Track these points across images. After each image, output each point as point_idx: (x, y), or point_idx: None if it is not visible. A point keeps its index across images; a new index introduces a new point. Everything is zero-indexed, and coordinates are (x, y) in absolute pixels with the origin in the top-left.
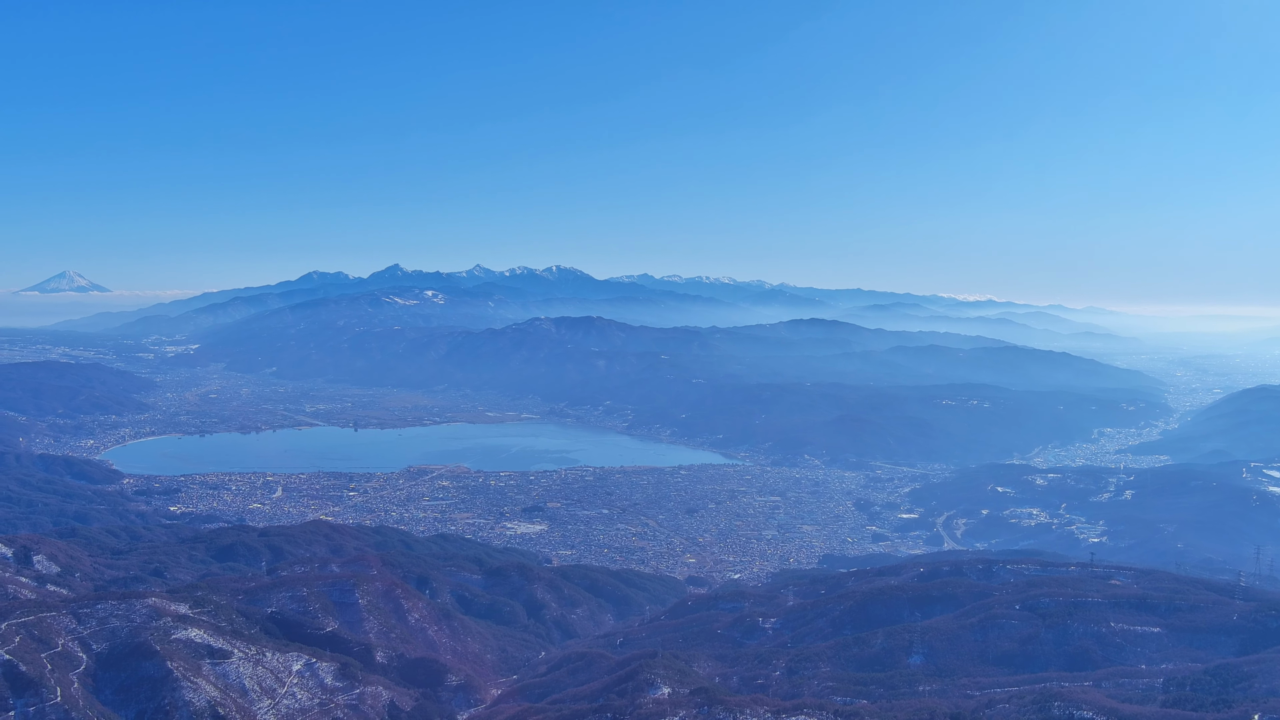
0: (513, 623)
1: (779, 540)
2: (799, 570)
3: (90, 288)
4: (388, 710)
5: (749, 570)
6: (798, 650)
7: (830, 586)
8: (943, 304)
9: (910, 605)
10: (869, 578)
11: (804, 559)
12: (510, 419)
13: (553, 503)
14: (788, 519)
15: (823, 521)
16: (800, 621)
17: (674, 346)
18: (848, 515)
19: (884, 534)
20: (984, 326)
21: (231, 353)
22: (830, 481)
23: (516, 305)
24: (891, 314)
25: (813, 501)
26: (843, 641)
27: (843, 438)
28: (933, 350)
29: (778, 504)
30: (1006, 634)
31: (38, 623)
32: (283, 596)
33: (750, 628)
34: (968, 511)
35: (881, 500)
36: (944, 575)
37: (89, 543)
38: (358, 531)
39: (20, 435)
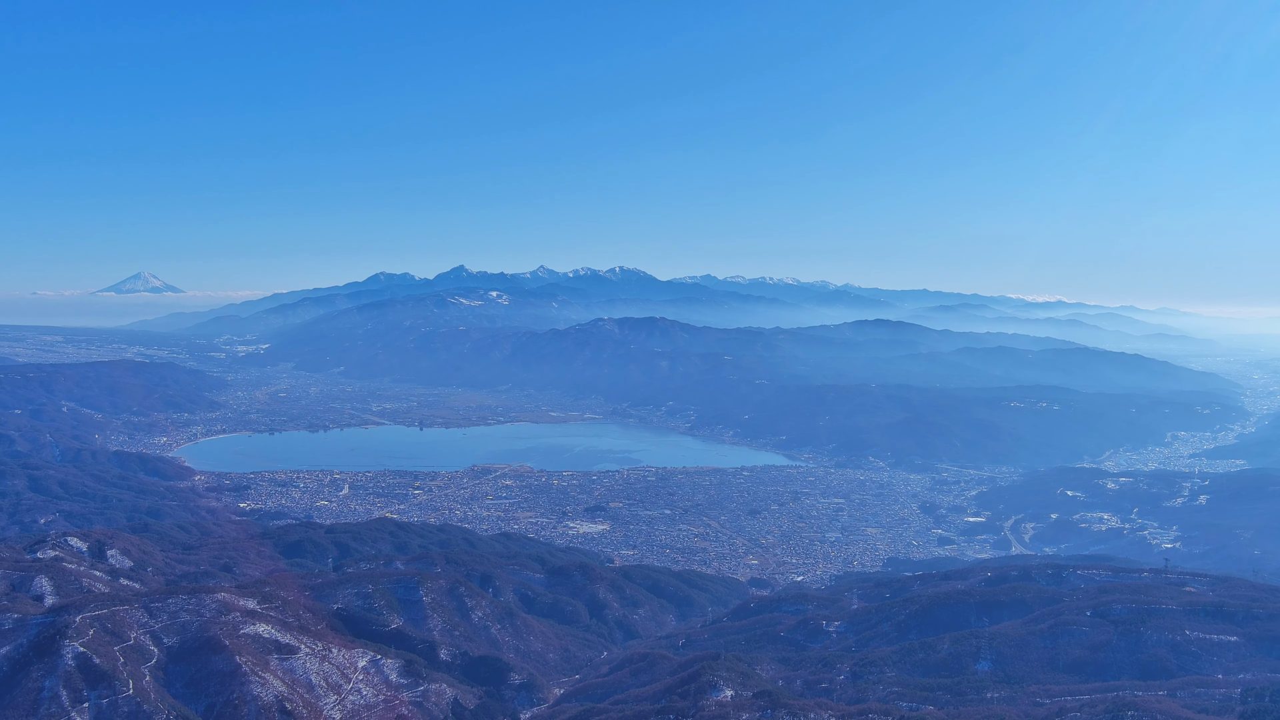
0: (575, 622)
1: (842, 543)
2: (863, 573)
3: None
4: (451, 708)
5: (812, 572)
6: (862, 654)
7: (895, 590)
8: (1011, 305)
9: (977, 610)
10: (935, 582)
11: (868, 562)
12: (573, 419)
13: (615, 503)
14: (851, 521)
15: (887, 524)
16: (864, 625)
17: (737, 347)
18: (913, 518)
19: (950, 538)
20: (1053, 328)
21: (300, 352)
22: (895, 484)
23: (580, 306)
24: (958, 315)
25: (877, 504)
26: (908, 646)
27: (908, 440)
28: (1001, 351)
29: (841, 506)
30: (1077, 641)
31: (111, 616)
32: (348, 593)
33: (814, 631)
34: (1036, 515)
35: (947, 503)
36: (1012, 580)
37: (161, 538)
38: (422, 529)
39: (96, 432)
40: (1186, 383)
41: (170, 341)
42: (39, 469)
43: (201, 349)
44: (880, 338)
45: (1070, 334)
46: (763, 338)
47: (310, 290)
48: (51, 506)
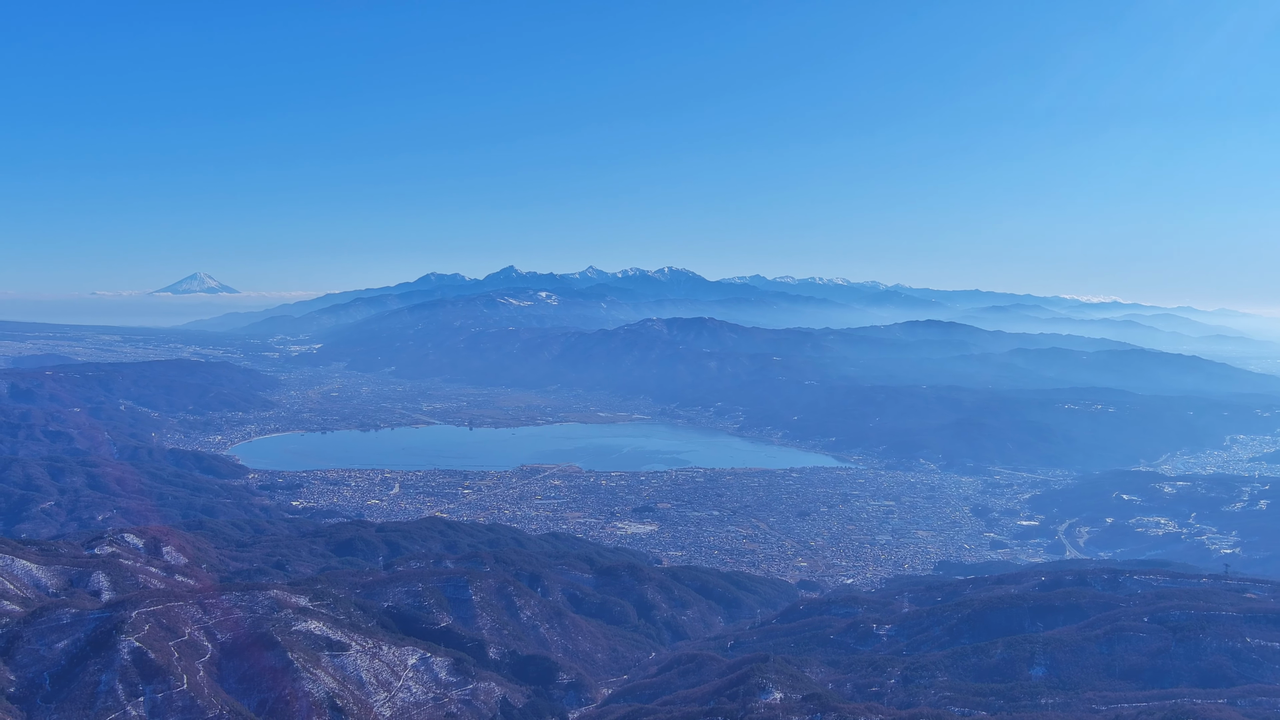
0: (623, 622)
1: (893, 545)
2: (914, 576)
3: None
4: (500, 706)
5: (862, 575)
6: (913, 658)
7: (947, 594)
8: (1065, 305)
9: (1031, 615)
10: (987, 586)
11: (919, 565)
12: (622, 419)
13: (663, 503)
14: (902, 524)
15: (938, 527)
16: (916, 629)
17: (786, 348)
18: (964, 521)
19: (1002, 541)
20: (1108, 329)
21: (352, 352)
22: (946, 486)
23: (629, 306)
24: (1011, 315)
25: (928, 506)
26: (960, 651)
27: (960, 442)
28: (1054, 353)
29: (892, 508)
30: (1134, 647)
31: (166, 612)
32: (399, 591)
33: (864, 634)
34: (1091, 519)
35: (1000, 506)
36: (1067, 585)
37: (215, 535)
38: (471, 529)
39: (153, 430)
40: (1245, 385)
41: (225, 341)
42: (97, 466)
43: (255, 349)
44: (931, 338)
45: (1126, 335)
46: (812, 338)
47: (362, 290)
48: (109, 503)
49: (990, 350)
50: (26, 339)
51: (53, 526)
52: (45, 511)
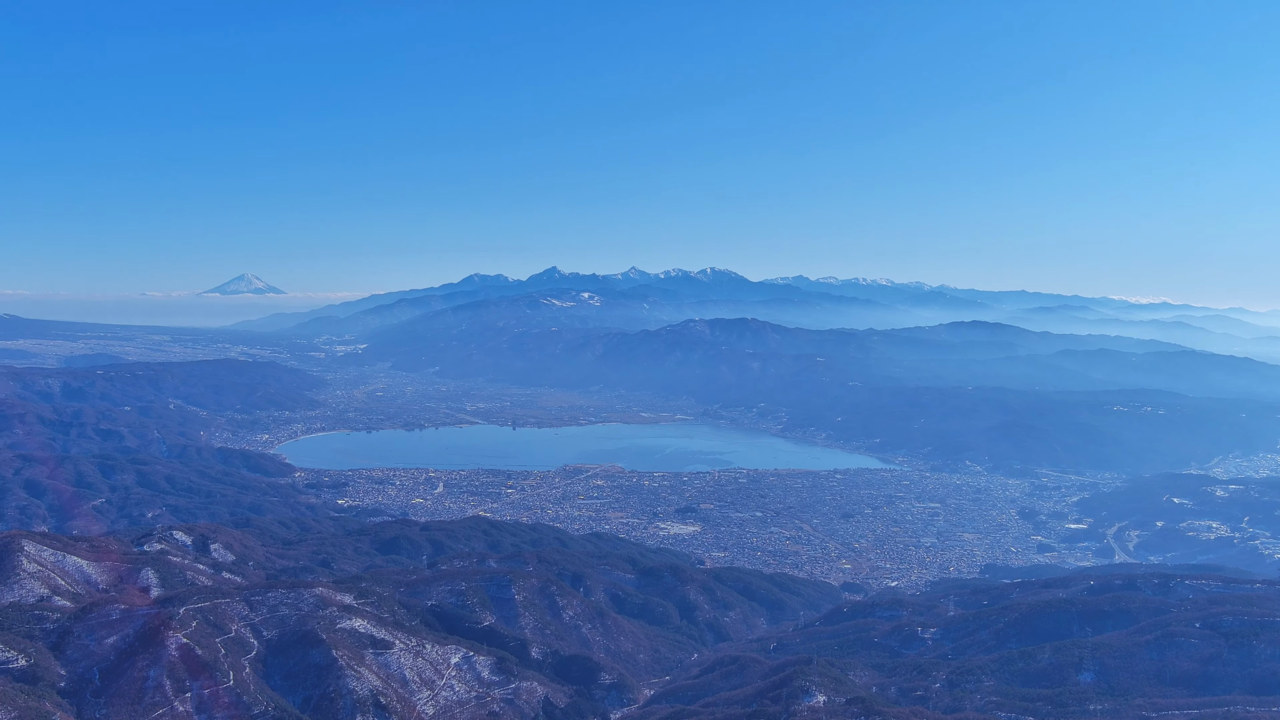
0: (665, 623)
1: (938, 548)
2: (959, 579)
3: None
4: (542, 706)
5: (907, 578)
6: (959, 662)
7: (993, 597)
8: (1113, 306)
9: (1079, 620)
10: (1035, 589)
11: (964, 568)
12: (664, 420)
13: (706, 504)
14: (947, 526)
15: (984, 530)
16: (961, 633)
17: (830, 348)
18: (1011, 524)
19: (1050, 544)
20: (1158, 330)
21: (397, 352)
22: (993, 489)
23: (671, 307)
24: (1058, 316)
25: (974, 509)
26: (1007, 655)
27: (1006, 444)
28: (1103, 354)
29: (937, 511)
30: (1185, 653)
31: (213, 608)
32: (442, 590)
33: (909, 637)
34: (1141, 523)
35: (1047, 509)
36: (1116, 589)
37: (262, 533)
38: (515, 528)
39: (201, 429)
40: None
41: (272, 341)
42: (147, 464)
43: (302, 349)
44: (977, 339)
45: (1176, 336)
46: (856, 339)
47: (407, 291)
48: (158, 501)
49: (1037, 351)
50: (79, 339)
51: (104, 523)
52: (97, 509)
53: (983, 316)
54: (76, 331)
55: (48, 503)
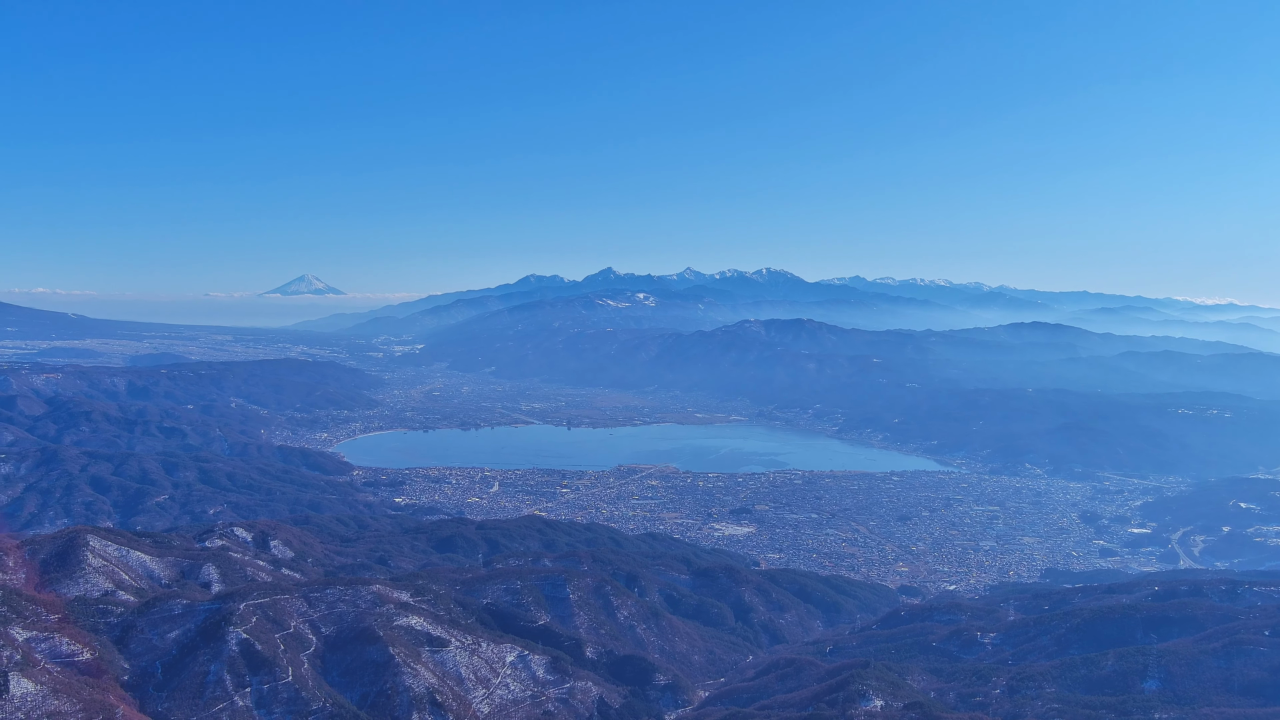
0: (720, 624)
1: (997, 552)
2: (1019, 584)
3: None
4: (597, 706)
5: (965, 582)
6: (1019, 668)
7: (1054, 602)
8: (1178, 307)
9: (1143, 626)
10: (1097, 595)
11: (1024, 572)
12: (719, 420)
13: (761, 505)
14: (1007, 530)
15: (1045, 534)
16: (1022, 638)
17: (887, 350)
18: (1072, 528)
19: (1112, 549)
20: (1224, 331)
21: (454, 352)
22: (1053, 492)
23: (726, 307)
24: (1121, 317)
25: (1034, 512)
26: (1069, 662)
27: (1067, 446)
28: (1167, 356)
29: (996, 514)
30: (1254, 662)
31: (273, 604)
32: (497, 589)
33: (967, 642)
34: (1206, 528)
35: (1110, 513)
36: (1182, 595)
37: (320, 530)
38: (569, 528)
39: (262, 427)
40: None
41: (331, 341)
42: (209, 462)
43: (360, 348)
44: (1037, 341)
45: (1242, 338)
46: (913, 340)
47: (464, 292)
48: (220, 498)
49: (1099, 353)
50: (144, 339)
51: (166, 519)
52: (160, 505)
53: (1043, 317)
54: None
55: (113, 499)
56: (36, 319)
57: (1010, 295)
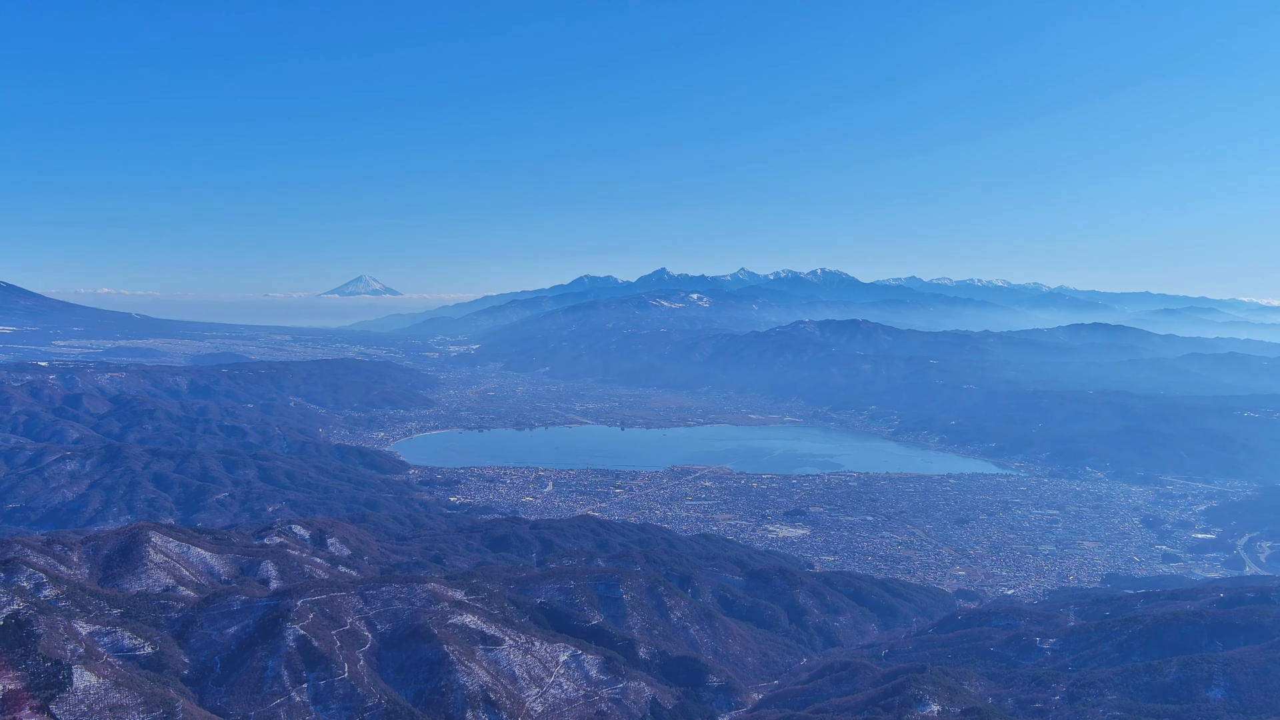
0: (774, 627)
1: (1057, 556)
2: (1079, 589)
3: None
4: (650, 707)
5: (1024, 586)
6: (1080, 675)
7: (1116, 608)
8: (1243, 308)
9: (1208, 633)
10: (1160, 601)
11: (1085, 577)
12: (773, 422)
13: (815, 507)
14: (1067, 534)
15: (1106, 539)
16: (1082, 644)
17: (943, 351)
18: (1134, 533)
19: (1175, 554)
20: None
21: (508, 352)
22: (1114, 496)
23: (780, 308)
24: (1184, 319)
25: (1094, 516)
26: (1131, 669)
27: (1129, 450)
28: (1232, 358)
29: (1056, 518)
30: None
31: (329, 601)
32: (551, 588)
33: (1026, 647)
34: (1273, 534)
35: (1173, 518)
36: (1248, 602)
37: (377, 528)
38: (623, 528)
39: (320, 426)
40: None
41: (388, 341)
42: (268, 460)
43: (417, 349)
44: (1098, 342)
45: None
46: (970, 341)
47: (518, 293)
48: (278, 495)
49: (1162, 355)
50: (205, 338)
51: (226, 516)
52: (220, 502)
53: (1104, 318)
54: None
55: (175, 496)
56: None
57: (1070, 296)
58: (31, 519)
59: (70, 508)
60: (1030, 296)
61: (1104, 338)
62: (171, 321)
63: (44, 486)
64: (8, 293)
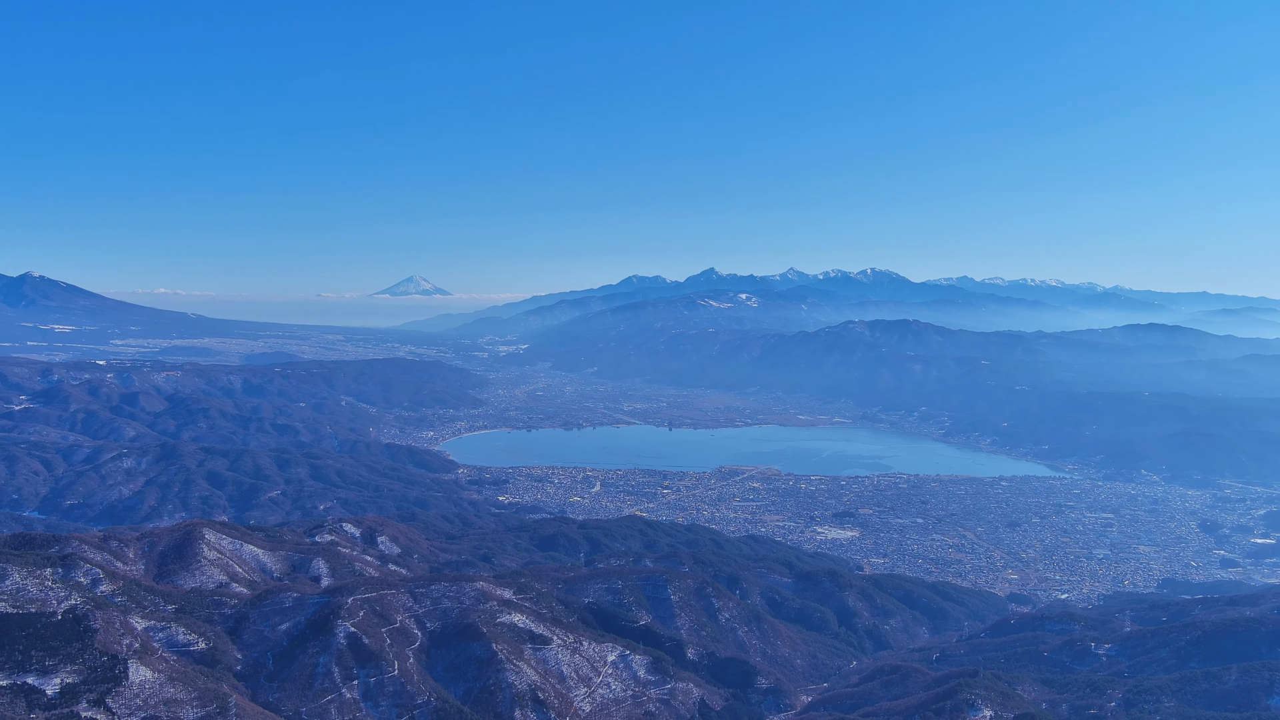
0: (823, 629)
1: (1112, 560)
2: (1135, 594)
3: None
4: (698, 708)
5: (1078, 591)
6: (1136, 681)
7: (1173, 614)
8: None
9: (1269, 640)
10: (1219, 607)
11: (1140, 582)
12: (822, 422)
13: (864, 509)
14: (1121, 538)
15: (1162, 543)
16: (1139, 650)
17: (995, 351)
18: (1191, 537)
19: (1234, 559)
20: None
21: (557, 352)
22: (1170, 499)
23: (830, 308)
24: (1243, 319)
25: (1150, 520)
26: (1189, 676)
27: (1186, 452)
28: None
29: (1110, 521)
30: None
31: (379, 599)
32: (599, 588)
33: (1081, 652)
34: None
35: (1231, 522)
36: None
37: (426, 527)
38: (670, 528)
39: (371, 425)
40: None
41: (438, 341)
42: (319, 459)
43: (466, 348)
44: (1154, 343)
45: None
46: (1023, 342)
47: (567, 293)
48: (329, 494)
49: (1220, 356)
50: (259, 338)
51: (278, 514)
52: (272, 500)
53: (1160, 319)
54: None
55: (228, 493)
56: (158, 319)
57: (1125, 296)
58: (89, 515)
59: (127, 504)
60: (1085, 296)
61: (1160, 338)
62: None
63: (101, 483)
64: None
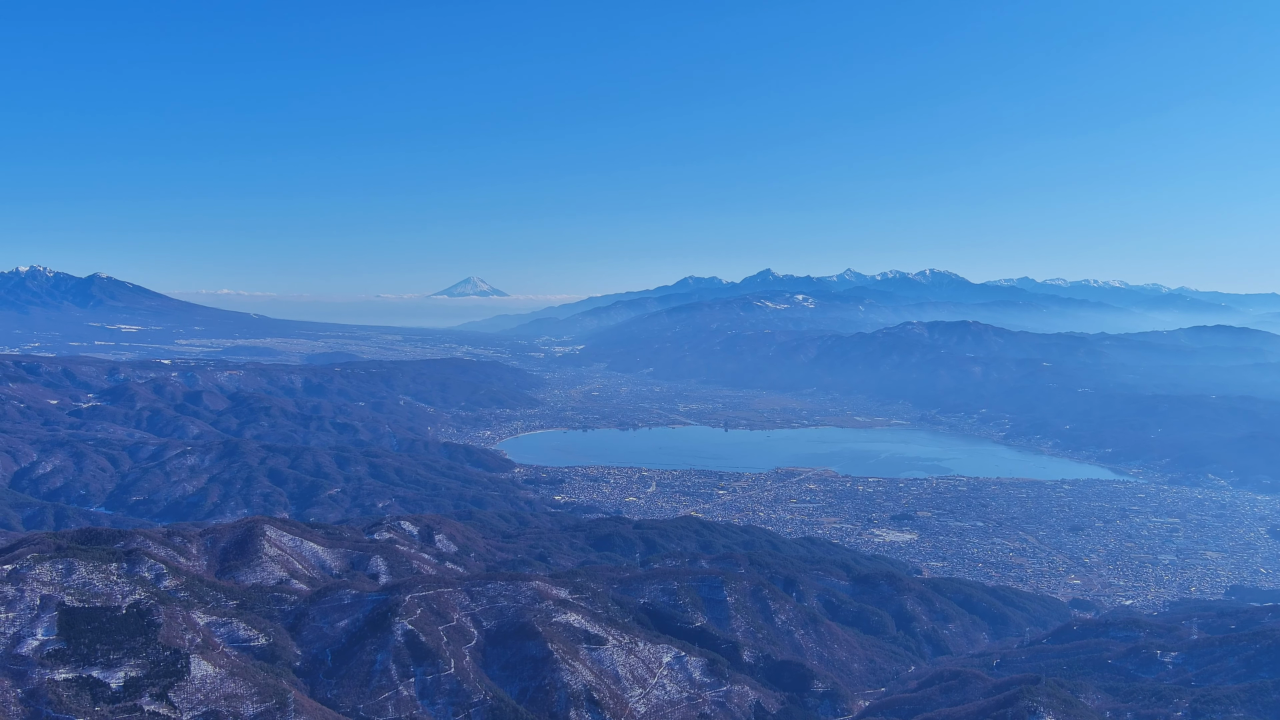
0: (881, 633)
1: (1178, 566)
2: (1202, 601)
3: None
4: (754, 711)
5: (1143, 597)
6: (1203, 690)
7: (1242, 621)
8: None
9: None
10: None
11: (1207, 589)
12: (879, 424)
13: (923, 512)
14: (1188, 543)
15: (1230, 549)
16: (1206, 658)
17: (1057, 353)
18: (1261, 543)
19: None
20: None
21: (612, 353)
22: (1239, 504)
23: (887, 309)
24: None
25: (1218, 525)
26: (1259, 686)
27: (1255, 457)
28: None
29: (1176, 526)
30: None
31: (436, 597)
32: (654, 588)
33: (1146, 660)
34: None
35: None
36: None
37: (483, 526)
38: (726, 529)
39: (429, 425)
40: None
41: (495, 341)
42: (378, 457)
43: (522, 349)
44: (1221, 345)
45: None
46: (1086, 343)
47: (623, 294)
48: (388, 492)
49: None
50: (319, 338)
51: (338, 511)
52: (332, 497)
53: (1228, 320)
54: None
55: (289, 491)
56: (221, 319)
57: (1191, 297)
58: (153, 511)
59: (190, 501)
60: (1149, 298)
61: (1227, 340)
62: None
63: (165, 480)
64: (134, 294)
